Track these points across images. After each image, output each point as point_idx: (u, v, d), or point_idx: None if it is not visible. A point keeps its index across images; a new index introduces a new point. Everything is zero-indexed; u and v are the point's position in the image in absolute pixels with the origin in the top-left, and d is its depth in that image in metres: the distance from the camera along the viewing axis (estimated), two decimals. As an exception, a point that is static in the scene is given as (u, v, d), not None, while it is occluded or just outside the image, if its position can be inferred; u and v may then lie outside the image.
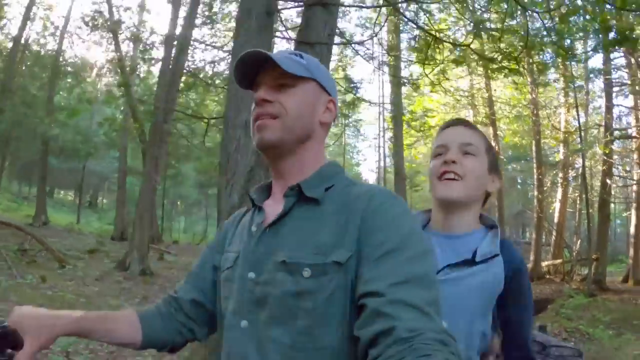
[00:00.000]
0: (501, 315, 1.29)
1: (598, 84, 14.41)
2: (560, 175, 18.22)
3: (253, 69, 1.09)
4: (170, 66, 11.11)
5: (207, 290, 1.19)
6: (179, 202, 40.19)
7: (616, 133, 15.14)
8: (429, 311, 0.83)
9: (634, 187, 16.04)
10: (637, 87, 14.64)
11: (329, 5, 3.89)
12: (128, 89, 13.74)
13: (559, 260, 16.44)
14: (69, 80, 20.88)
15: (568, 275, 15.21)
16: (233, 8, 13.75)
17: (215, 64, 13.03)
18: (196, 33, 13.00)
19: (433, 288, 0.88)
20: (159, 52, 14.26)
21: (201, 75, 11.84)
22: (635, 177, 15.83)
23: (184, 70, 11.44)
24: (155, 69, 15.91)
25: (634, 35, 6.46)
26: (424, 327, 0.79)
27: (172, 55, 11.43)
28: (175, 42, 11.60)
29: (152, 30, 15.46)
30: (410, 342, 0.77)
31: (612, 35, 6.49)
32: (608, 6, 6.00)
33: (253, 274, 1.02)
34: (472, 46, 7.02)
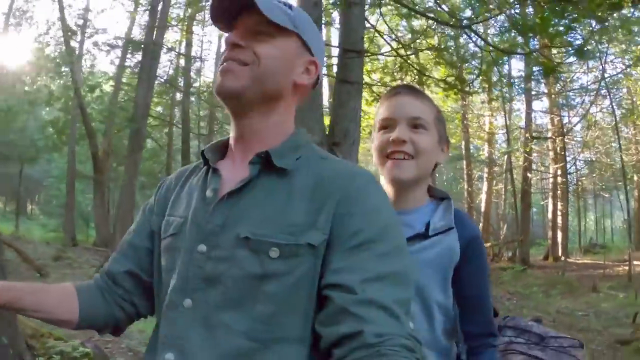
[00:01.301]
0: (458, 290, 1.23)
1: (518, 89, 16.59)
2: (486, 170, 20.64)
3: (232, 12, 0.96)
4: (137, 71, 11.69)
5: (142, 259, 1.03)
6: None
7: (535, 134, 17.64)
8: (399, 313, 0.78)
9: (550, 180, 18.76)
10: (552, 96, 17.09)
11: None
12: (78, 90, 13.83)
13: (487, 244, 18.73)
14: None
15: (497, 256, 17.42)
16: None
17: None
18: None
19: (407, 286, 0.83)
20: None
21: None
22: (551, 171, 18.49)
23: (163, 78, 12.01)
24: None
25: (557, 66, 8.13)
26: (392, 331, 0.75)
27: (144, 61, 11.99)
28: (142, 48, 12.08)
29: (116, 36, 15.61)
30: (377, 347, 0.73)
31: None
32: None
33: (204, 247, 0.89)
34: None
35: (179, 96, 19.91)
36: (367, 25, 6.69)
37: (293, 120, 1.01)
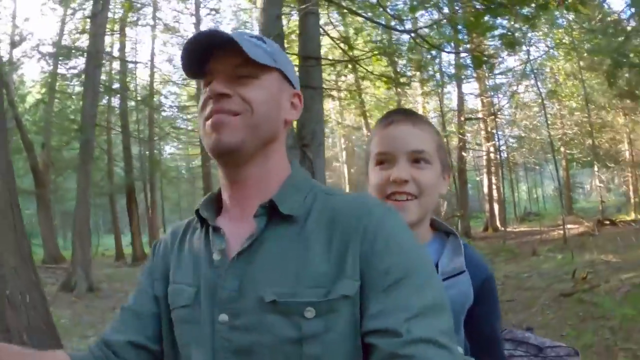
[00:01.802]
0: (470, 329, 1.15)
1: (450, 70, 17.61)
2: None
3: (204, 54, 0.86)
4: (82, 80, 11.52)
5: (148, 327, 0.93)
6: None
7: (467, 116, 18.84)
8: (446, 342, 0.73)
9: (484, 157, 20.10)
10: (481, 79, 18.28)
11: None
12: (12, 101, 13.36)
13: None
14: None
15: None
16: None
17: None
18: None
19: (446, 314, 0.77)
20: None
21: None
22: (484, 149, 19.79)
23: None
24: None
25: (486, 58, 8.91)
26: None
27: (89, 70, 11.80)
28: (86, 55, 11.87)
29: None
30: None
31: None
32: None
33: (226, 317, 0.81)
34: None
35: (114, 101, 19.46)
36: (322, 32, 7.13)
37: (287, 159, 0.94)
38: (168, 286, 0.93)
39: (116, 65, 18.52)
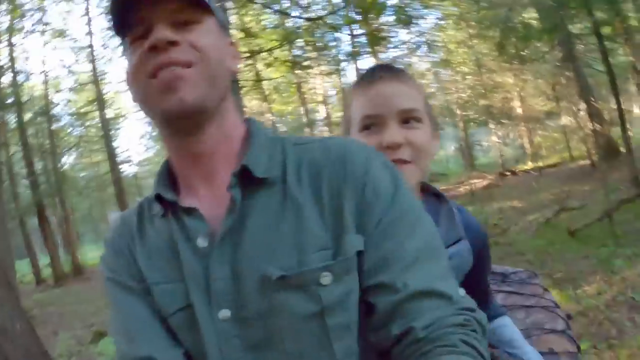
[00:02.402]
0: (465, 285, 0.91)
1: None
2: (327, 129, 22.38)
3: (129, 5, 0.71)
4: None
5: (161, 339, 0.75)
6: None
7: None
8: (444, 289, 0.69)
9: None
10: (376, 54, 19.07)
11: None
12: None
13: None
14: None
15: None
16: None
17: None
18: None
19: (440, 254, 0.73)
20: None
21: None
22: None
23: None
24: None
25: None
26: (441, 314, 0.67)
27: None
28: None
29: None
30: (427, 338, 0.65)
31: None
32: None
33: (228, 312, 0.70)
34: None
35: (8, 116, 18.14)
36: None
37: (239, 115, 0.82)
38: (150, 289, 0.77)
39: (5, 79, 17.27)
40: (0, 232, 10.57)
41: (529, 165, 18.66)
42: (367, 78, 1.06)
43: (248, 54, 9.14)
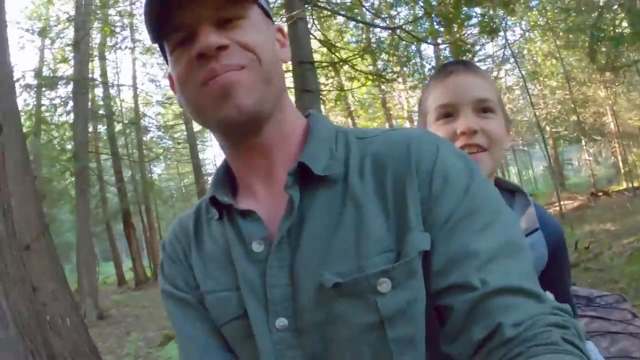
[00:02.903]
0: (545, 288, 0.85)
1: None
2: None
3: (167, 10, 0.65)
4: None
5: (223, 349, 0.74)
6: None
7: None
8: (531, 287, 0.59)
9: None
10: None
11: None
12: None
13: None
14: None
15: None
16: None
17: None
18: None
19: (524, 253, 0.62)
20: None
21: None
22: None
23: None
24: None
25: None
26: (532, 313, 0.56)
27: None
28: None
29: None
30: (519, 337, 0.54)
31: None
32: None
33: (285, 321, 0.66)
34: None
35: (100, 127, 19.46)
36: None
37: (296, 107, 0.78)
38: (203, 297, 0.74)
39: (98, 91, 18.54)
40: (84, 232, 11.29)
41: (623, 185, 17.51)
42: (442, 71, 1.09)
43: (329, 65, 9.12)
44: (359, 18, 8.53)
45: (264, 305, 0.67)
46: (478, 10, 8.43)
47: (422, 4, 8.21)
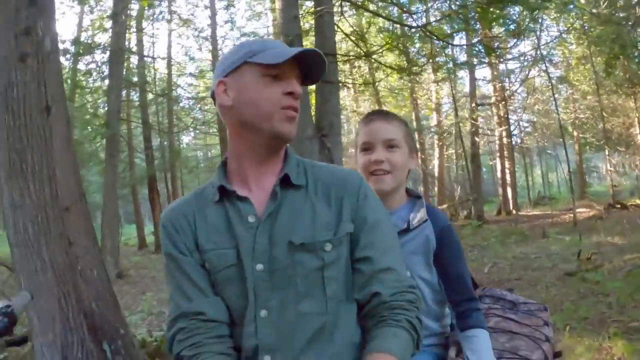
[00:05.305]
0: (440, 270, 1.48)
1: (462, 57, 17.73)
2: (436, 138, 21.95)
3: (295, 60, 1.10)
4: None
5: (209, 298, 1.13)
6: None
7: (479, 101, 18.93)
8: (400, 270, 1.13)
9: (497, 142, 20.28)
10: (493, 64, 18.40)
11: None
12: None
13: (444, 205, 20.02)
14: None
15: (454, 215, 18.72)
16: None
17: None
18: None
19: (398, 249, 1.18)
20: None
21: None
22: (497, 134, 19.98)
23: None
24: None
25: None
26: (400, 287, 1.10)
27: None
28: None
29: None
30: (390, 302, 1.08)
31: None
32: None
33: (261, 265, 1.08)
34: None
35: (133, 95, 19.84)
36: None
37: None
38: (202, 255, 1.13)
39: (133, 59, 18.92)
40: (110, 195, 11.81)
41: (643, 199, 17.22)
42: (366, 118, 1.60)
43: (356, 59, 9.30)
44: (388, 15, 8.64)
45: (251, 256, 1.09)
46: (511, 11, 8.46)
47: (449, 3, 8.30)
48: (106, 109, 13.62)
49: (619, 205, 16.39)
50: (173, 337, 1.12)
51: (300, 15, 6.31)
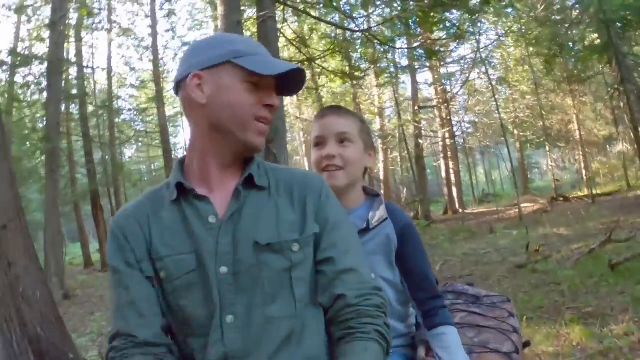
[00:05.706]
0: (402, 268, 1.43)
1: (403, 62, 18.02)
2: (380, 141, 22.28)
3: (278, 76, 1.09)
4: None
5: (159, 309, 1.06)
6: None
7: (421, 104, 19.39)
8: (360, 269, 1.09)
9: (440, 143, 20.82)
10: (434, 68, 18.89)
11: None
12: None
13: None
14: None
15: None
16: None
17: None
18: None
19: (360, 249, 1.15)
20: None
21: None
22: (440, 136, 20.51)
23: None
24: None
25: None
26: (366, 291, 1.06)
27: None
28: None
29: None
30: (357, 307, 1.03)
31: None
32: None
33: (225, 268, 1.02)
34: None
35: (72, 107, 19.08)
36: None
37: None
38: (156, 263, 1.05)
39: (73, 70, 18.20)
40: (52, 212, 11.21)
41: (584, 192, 18.07)
42: (319, 113, 1.53)
43: (298, 63, 9.30)
44: (330, 20, 8.68)
45: (214, 258, 1.02)
46: (450, 16, 8.69)
47: (395, 6, 8.42)
48: (45, 123, 12.94)
49: (562, 198, 17.17)
50: (107, 356, 1.06)
51: (242, 21, 6.20)
